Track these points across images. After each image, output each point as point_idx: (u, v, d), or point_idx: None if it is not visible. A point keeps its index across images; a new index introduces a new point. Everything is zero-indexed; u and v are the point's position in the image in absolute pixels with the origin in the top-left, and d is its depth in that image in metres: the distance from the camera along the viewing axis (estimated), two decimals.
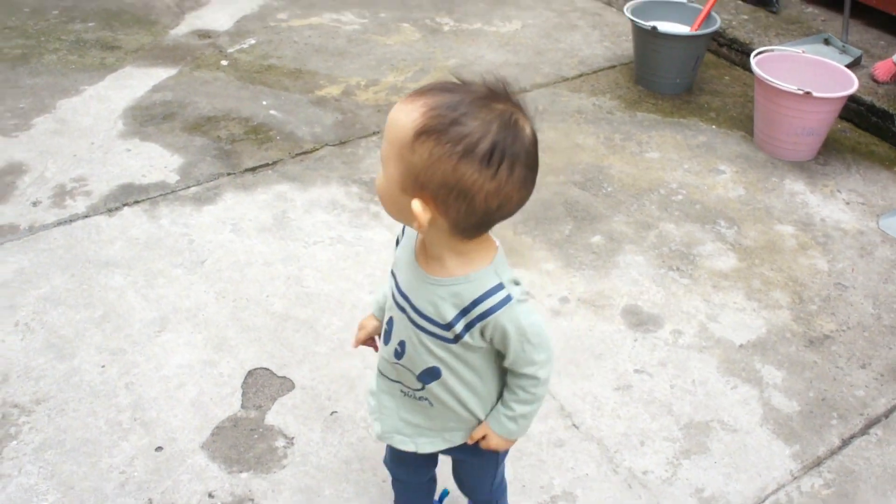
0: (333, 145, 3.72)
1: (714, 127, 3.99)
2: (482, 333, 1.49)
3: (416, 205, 1.35)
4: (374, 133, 3.78)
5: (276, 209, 3.32)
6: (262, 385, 2.57)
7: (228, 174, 3.52)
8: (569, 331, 2.81)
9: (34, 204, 3.33)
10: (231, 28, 4.70)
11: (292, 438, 2.41)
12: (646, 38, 4.12)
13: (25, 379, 2.58)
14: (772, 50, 3.94)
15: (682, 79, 4.22)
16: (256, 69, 4.29)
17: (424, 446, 1.71)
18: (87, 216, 3.27)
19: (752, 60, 3.77)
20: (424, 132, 1.30)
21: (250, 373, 2.61)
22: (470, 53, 4.38)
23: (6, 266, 3.02)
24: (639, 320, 2.87)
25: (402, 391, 1.65)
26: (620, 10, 4.62)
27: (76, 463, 2.33)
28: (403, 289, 1.55)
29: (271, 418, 2.46)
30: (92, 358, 2.66)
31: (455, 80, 1.38)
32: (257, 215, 3.29)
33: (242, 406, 2.50)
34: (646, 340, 2.80)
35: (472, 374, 1.58)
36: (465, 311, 1.47)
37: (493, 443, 1.67)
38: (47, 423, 2.45)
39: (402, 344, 1.58)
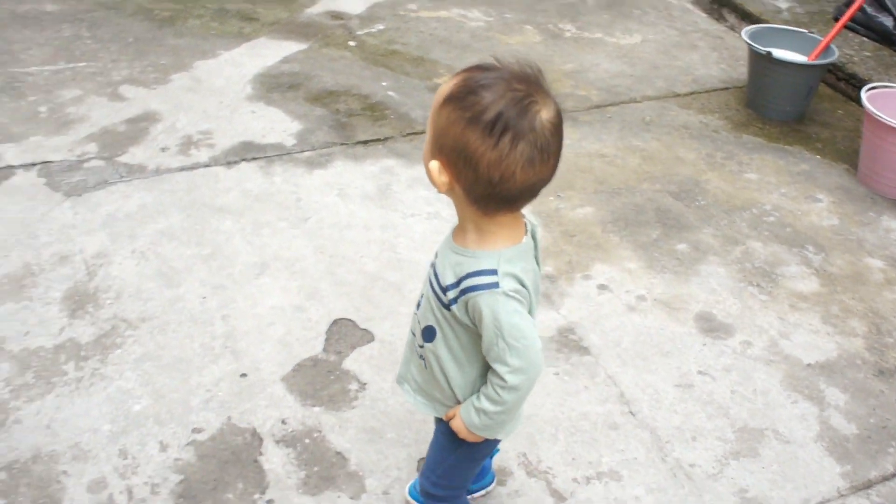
0: None
1: (818, 157, 4.02)
2: (466, 309, 1.58)
3: (434, 165, 1.51)
4: None
5: (381, 181, 3.52)
6: (345, 334, 2.76)
7: (341, 144, 3.74)
8: (641, 326, 2.92)
9: (163, 149, 3.62)
10: (363, 12, 4.95)
11: (365, 384, 2.59)
12: (760, 63, 4.17)
13: (136, 299, 2.84)
14: (888, 87, 3.95)
15: (793, 107, 4.25)
16: (381, 52, 4.51)
17: (419, 405, 1.83)
18: (208, 165, 3.54)
19: (864, 94, 3.79)
20: (448, 98, 1.46)
21: (336, 322, 2.80)
22: (587, 60, 4.51)
23: (131, 200, 3.30)
24: (710, 326, 2.96)
25: (414, 346, 1.79)
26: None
27: (169, 377, 2.56)
28: (438, 248, 1.70)
29: (349, 364, 2.65)
30: (195, 289, 2.90)
31: (495, 62, 1.50)
32: (363, 184, 3.49)
33: (324, 349, 2.70)
34: (714, 346, 2.88)
35: (460, 349, 1.67)
36: (458, 282, 1.58)
37: (456, 424, 1.75)
38: (149, 339, 2.69)
39: (422, 296, 1.73)
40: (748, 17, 5.11)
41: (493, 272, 1.55)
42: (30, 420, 2.41)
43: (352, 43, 4.59)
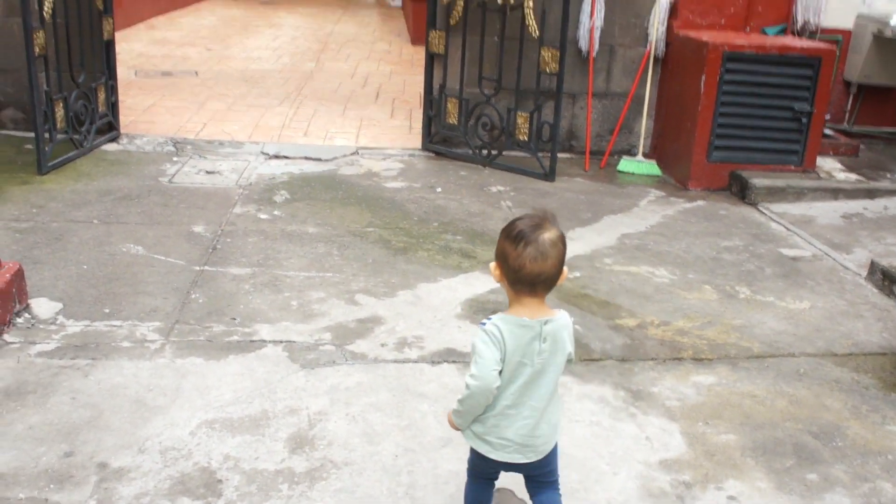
0: (616, 360, 4.50)
1: None
2: None
3: (492, 264, 2.66)
4: (652, 359, 4.51)
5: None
6: (504, 501, 3.31)
7: None
8: None
9: (382, 345, 4.44)
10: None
11: None
12: None
13: (342, 448, 3.55)
14: None
15: None
16: (574, 294, 5.24)
17: None
18: (416, 362, 4.30)
19: None
20: (503, 228, 2.62)
21: (498, 490, 3.36)
22: (755, 319, 5.03)
23: (351, 378, 4.09)
24: None
25: None
26: None
27: None
28: None
29: None
30: (390, 449, 3.57)
31: (535, 211, 2.61)
32: None
33: None
34: None
35: None
36: None
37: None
38: (348, 478, 3.37)
39: None
40: None
41: (490, 320, 2.63)
42: None
43: None
